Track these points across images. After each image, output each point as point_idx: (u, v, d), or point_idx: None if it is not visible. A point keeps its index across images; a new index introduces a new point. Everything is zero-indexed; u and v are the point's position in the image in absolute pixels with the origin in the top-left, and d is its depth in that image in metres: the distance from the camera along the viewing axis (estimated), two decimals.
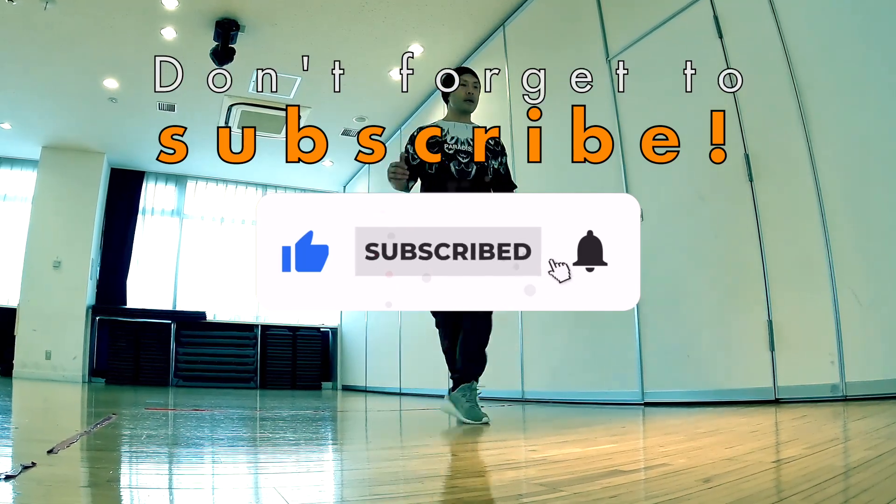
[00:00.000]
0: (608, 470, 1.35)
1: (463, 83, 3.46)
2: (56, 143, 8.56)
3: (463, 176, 3.36)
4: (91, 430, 2.24)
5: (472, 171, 3.39)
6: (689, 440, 1.90)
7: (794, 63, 3.12)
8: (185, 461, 1.65)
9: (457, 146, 3.39)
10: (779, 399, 3.04)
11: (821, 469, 1.21)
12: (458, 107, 3.48)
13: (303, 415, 3.74)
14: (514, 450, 1.98)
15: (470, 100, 3.47)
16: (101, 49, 6.15)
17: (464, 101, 3.46)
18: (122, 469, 1.45)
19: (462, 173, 3.36)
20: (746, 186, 3.32)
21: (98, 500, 1.09)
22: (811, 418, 2.29)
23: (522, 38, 5.44)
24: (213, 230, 10.06)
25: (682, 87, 3.61)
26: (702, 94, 3.58)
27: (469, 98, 3.46)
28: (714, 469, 1.29)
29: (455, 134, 3.44)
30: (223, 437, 2.35)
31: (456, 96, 3.47)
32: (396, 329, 7.55)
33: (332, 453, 2.03)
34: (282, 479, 1.36)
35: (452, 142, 3.40)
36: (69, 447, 1.64)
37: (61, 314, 8.26)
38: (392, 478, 1.38)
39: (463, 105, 3.47)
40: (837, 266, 2.85)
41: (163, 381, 8.79)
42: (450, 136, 3.41)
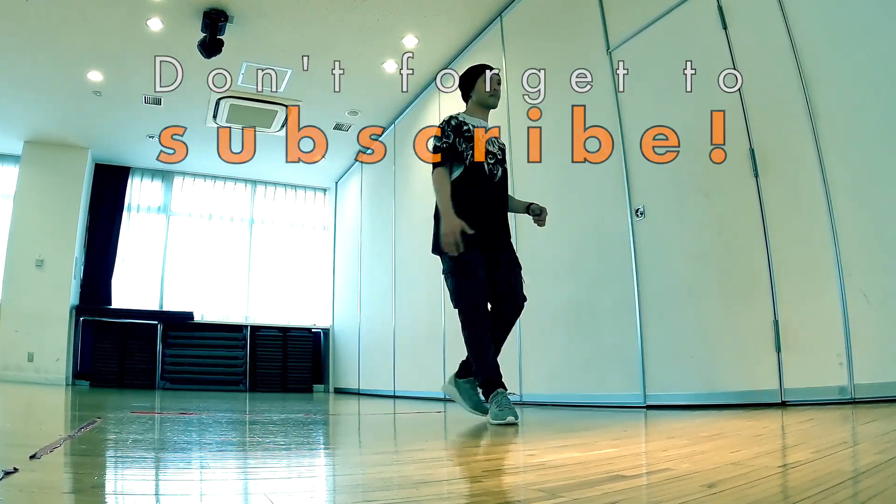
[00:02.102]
0: (609, 475, 1.35)
1: (486, 79, 3.46)
2: (38, 137, 8.54)
3: (492, 176, 3.36)
4: (75, 434, 2.24)
5: (499, 173, 3.40)
6: (692, 444, 1.90)
7: (800, 55, 3.12)
8: (172, 466, 1.64)
9: (488, 146, 3.39)
10: (785, 402, 3.04)
11: (829, 474, 1.21)
12: (484, 101, 3.48)
13: (294, 418, 3.74)
14: (512, 454, 1.98)
15: (495, 94, 3.48)
16: (84, 40, 6.13)
17: (490, 97, 3.47)
18: (107, 474, 1.45)
19: (491, 173, 3.36)
20: (751, 182, 3.32)
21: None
22: (819, 421, 2.29)
23: (520, 29, 5.44)
24: (200, 227, 10.06)
25: (686, 80, 3.62)
26: (706, 88, 3.59)
27: (494, 94, 3.47)
28: (718, 474, 1.29)
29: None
30: (211, 441, 2.34)
31: (480, 92, 3.46)
32: (391, 329, 7.55)
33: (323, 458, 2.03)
34: (272, 484, 1.35)
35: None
36: (52, 452, 1.63)
37: (44, 315, 8.24)
38: (386, 483, 1.37)
39: (489, 100, 3.47)
40: (846, 264, 2.85)
41: (149, 383, 8.77)
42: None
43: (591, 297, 4.34)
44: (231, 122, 7.95)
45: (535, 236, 4.40)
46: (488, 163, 3.35)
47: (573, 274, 4.52)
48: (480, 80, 3.47)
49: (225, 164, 9.72)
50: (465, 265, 3.18)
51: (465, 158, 3.30)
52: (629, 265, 3.99)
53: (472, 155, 3.33)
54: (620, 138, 4.13)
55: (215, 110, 7.68)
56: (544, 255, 4.68)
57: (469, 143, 3.33)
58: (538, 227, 3.52)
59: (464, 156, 3.30)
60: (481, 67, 3.53)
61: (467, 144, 3.32)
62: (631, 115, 4.12)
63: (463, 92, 3.57)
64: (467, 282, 3.21)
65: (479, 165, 3.33)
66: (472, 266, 3.19)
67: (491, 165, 3.36)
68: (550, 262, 4.67)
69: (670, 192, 3.84)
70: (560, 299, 4.58)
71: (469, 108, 3.51)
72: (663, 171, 3.86)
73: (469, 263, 3.18)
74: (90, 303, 8.92)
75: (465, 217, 3.16)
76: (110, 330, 8.84)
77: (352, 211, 9.58)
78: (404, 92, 7.21)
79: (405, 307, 7.21)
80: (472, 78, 3.51)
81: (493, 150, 3.41)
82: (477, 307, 3.20)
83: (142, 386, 8.65)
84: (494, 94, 3.47)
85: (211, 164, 9.72)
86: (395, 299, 7.45)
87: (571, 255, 4.54)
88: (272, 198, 10.67)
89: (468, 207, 3.22)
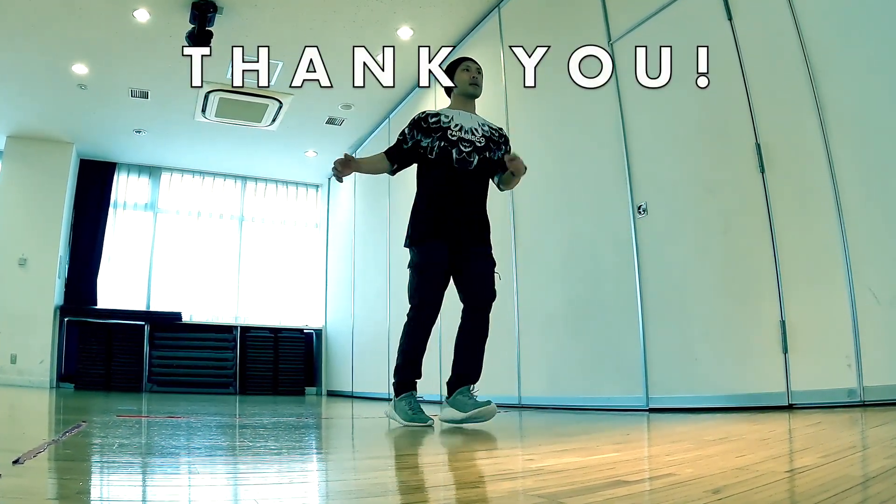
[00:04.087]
0: (610, 480, 1.35)
1: (465, 68, 3.60)
2: (21, 132, 8.51)
3: (463, 165, 3.43)
4: (59, 438, 2.23)
5: (475, 161, 3.46)
6: (696, 448, 1.90)
7: (808, 46, 3.12)
8: (159, 472, 1.64)
9: (461, 133, 3.47)
10: (792, 404, 3.05)
11: (837, 479, 1.21)
12: (465, 91, 3.61)
13: (285, 422, 3.73)
14: (511, 459, 1.98)
15: (475, 83, 3.60)
16: (69, 32, 6.11)
17: (469, 86, 3.60)
18: (92, 480, 1.44)
19: (463, 162, 3.43)
20: (757, 178, 3.32)
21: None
22: (827, 425, 2.29)
23: (519, 20, 5.44)
24: (189, 225, 10.05)
25: (689, 73, 3.61)
26: (711, 81, 3.59)
27: (474, 82, 3.59)
28: (723, 479, 1.29)
29: (459, 122, 3.52)
30: (200, 446, 2.34)
31: (461, 82, 3.61)
32: (385, 330, 7.54)
33: (316, 463, 2.02)
34: (263, 490, 1.35)
35: (456, 129, 3.48)
36: (36, 457, 1.63)
37: (27, 315, 8.22)
38: (381, 489, 1.37)
39: (469, 90, 3.60)
40: (854, 262, 2.85)
41: (136, 386, 8.75)
42: (454, 122, 3.49)
43: (591, 296, 4.34)
44: (220, 116, 7.94)
45: (533, 234, 4.40)
46: (461, 150, 3.42)
47: (573, 272, 4.51)
48: (460, 71, 3.62)
49: (214, 160, 9.71)
50: (425, 261, 3.30)
51: (431, 151, 3.41)
52: (631, 263, 3.99)
53: (439, 146, 3.41)
54: (622, 132, 4.13)
55: (204, 104, 7.67)
56: (542, 253, 4.68)
57: (436, 133, 3.43)
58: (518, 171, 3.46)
59: (429, 149, 3.40)
60: (460, 59, 3.72)
61: (434, 135, 3.42)
62: (633, 106, 4.12)
63: (445, 89, 3.71)
64: (423, 277, 3.34)
65: (447, 158, 3.40)
66: (433, 261, 3.29)
67: (466, 153, 3.43)
68: (549, 261, 4.67)
69: (674, 189, 3.84)
70: (559, 299, 4.58)
71: (452, 101, 3.66)
72: (666, 166, 3.86)
73: (430, 259, 3.30)
74: (75, 303, 8.90)
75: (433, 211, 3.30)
76: (96, 331, 8.82)
77: (345, 208, 9.57)
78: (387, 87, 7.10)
79: (400, 307, 7.16)
80: (452, 70, 3.65)
81: (470, 137, 3.48)
82: (424, 305, 3.34)
83: (128, 388, 8.63)
84: (474, 83, 3.57)
85: (199, 159, 9.71)
86: (390, 299, 7.44)
87: (571, 252, 4.54)
88: (262, 194, 10.66)
89: (434, 201, 3.34)
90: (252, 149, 9.22)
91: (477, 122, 3.57)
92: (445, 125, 3.49)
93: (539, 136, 4.93)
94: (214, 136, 8.72)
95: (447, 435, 2.78)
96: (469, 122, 3.54)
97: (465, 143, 3.47)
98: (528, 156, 4.71)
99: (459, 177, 3.43)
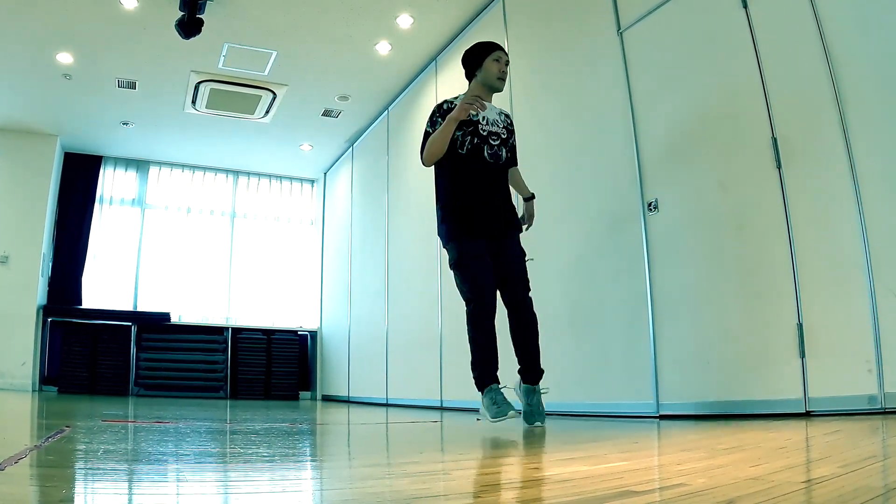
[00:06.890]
0: (619, 491, 1.35)
1: (496, 59, 3.52)
2: (3, 124, 8.52)
3: (496, 160, 3.44)
4: (42, 444, 2.23)
5: (503, 154, 3.47)
6: (709, 457, 1.90)
7: (827, 35, 3.11)
8: (146, 479, 1.64)
9: (490, 127, 3.46)
10: (810, 412, 3.04)
11: (856, 490, 1.21)
12: (490, 83, 3.55)
13: (278, 428, 3.73)
14: (514, 468, 1.97)
15: (503, 79, 3.54)
16: (53, 19, 6.10)
17: (497, 80, 3.53)
18: (76, 488, 1.44)
19: (495, 157, 3.44)
20: (774, 174, 3.31)
21: None
22: (846, 433, 2.29)
23: (524, 8, 5.43)
24: (178, 221, 10.06)
25: (702, 63, 3.61)
26: (724, 72, 3.59)
27: (502, 77, 3.54)
28: (737, 490, 1.29)
29: (486, 114, 3.49)
30: (189, 452, 2.34)
31: (489, 72, 3.52)
32: (383, 332, 7.54)
33: (310, 471, 2.02)
34: (255, 499, 1.35)
35: (485, 122, 3.46)
36: (17, 463, 1.63)
37: (9, 315, 8.23)
38: (377, 499, 1.37)
39: (496, 84, 3.55)
40: (875, 263, 2.85)
41: (122, 389, 8.77)
42: (481, 115, 3.46)
43: (599, 296, 4.33)
44: (211, 108, 7.94)
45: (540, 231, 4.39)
46: (492, 145, 3.42)
47: (580, 271, 4.51)
48: (490, 60, 3.52)
49: (204, 153, 9.71)
50: (468, 255, 3.28)
51: (462, 146, 3.36)
52: (641, 263, 3.99)
53: (471, 143, 3.37)
54: (632, 125, 4.12)
55: (194, 95, 7.66)
56: (550, 251, 4.68)
57: (467, 125, 3.38)
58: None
59: (459, 143, 3.36)
60: (492, 45, 3.58)
61: (466, 129, 3.37)
62: (643, 99, 4.11)
63: (467, 69, 3.61)
64: (468, 270, 3.31)
65: (480, 153, 3.38)
66: (475, 253, 3.29)
67: (495, 148, 3.43)
68: (556, 259, 4.67)
69: (686, 185, 3.83)
70: (566, 299, 4.57)
71: (472, 87, 3.55)
72: (678, 161, 3.86)
73: (470, 251, 3.28)
74: (59, 302, 8.91)
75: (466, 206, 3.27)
76: (80, 332, 8.83)
77: (342, 204, 9.57)
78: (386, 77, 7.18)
79: (399, 308, 7.20)
80: (480, 55, 3.56)
81: (497, 130, 3.46)
82: (481, 300, 3.29)
83: (114, 392, 8.64)
84: (502, 77, 3.52)
85: (189, 153, 9.71)
86: (388, 300, 7.44)
87: (579, 251, 4.54)
88: (255, 189, 10.66)
89: (469, 197, 3.31)
90: (244, 142, 9.21)
91: (496, 112, 3.57)
92: (475, 118, 3.46)
93: (545, 130, 4.92)
94: (205, 128, 8.72)
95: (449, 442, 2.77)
96: (492, 113, 3.54)
97: (494, 136, 3.47)
98: (533, 150, 4.72)
99: (493, 172, 3.45)
